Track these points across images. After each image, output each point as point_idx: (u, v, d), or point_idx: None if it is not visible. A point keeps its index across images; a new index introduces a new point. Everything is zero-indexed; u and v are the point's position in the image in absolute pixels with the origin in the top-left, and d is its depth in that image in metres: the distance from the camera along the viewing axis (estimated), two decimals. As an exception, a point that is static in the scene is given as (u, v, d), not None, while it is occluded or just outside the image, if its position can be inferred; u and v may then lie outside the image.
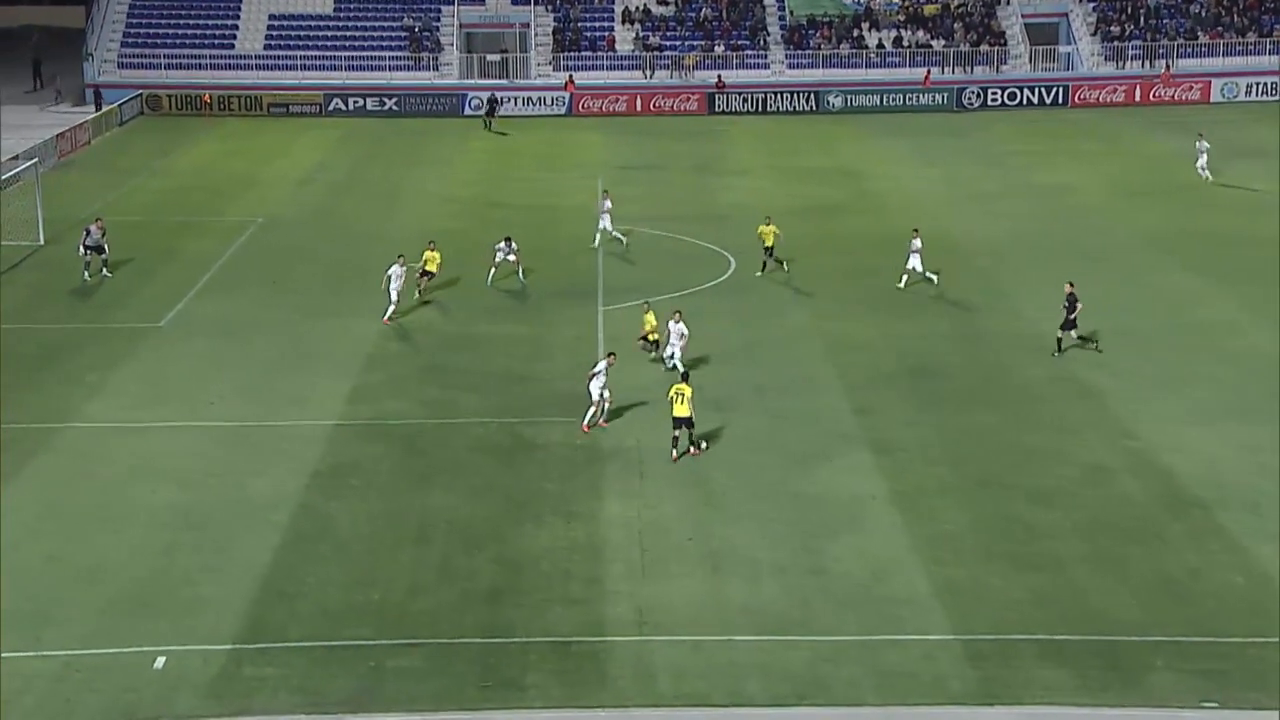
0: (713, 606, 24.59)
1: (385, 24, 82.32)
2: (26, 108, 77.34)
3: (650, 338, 36.00)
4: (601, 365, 32.22)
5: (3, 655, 22.69)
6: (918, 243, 43.02)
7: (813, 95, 78.57)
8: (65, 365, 36.69)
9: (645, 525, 27.71)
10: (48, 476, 29.86)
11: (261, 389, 35.23)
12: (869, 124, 74.15)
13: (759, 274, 44.11)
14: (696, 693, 22.25)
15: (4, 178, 50.05)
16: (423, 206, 55.66)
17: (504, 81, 79.51)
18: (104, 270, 43.92)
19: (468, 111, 77.62)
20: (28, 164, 52.13)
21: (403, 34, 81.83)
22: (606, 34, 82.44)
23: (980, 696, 22.14)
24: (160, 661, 22.67)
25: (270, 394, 34.86)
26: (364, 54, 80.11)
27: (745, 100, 78.62)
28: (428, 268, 42.38)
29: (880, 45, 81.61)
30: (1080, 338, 37.49)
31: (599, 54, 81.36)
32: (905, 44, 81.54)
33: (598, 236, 48.39)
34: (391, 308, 40.10)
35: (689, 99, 78.62)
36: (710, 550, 26.64)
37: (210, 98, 76.83)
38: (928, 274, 43.07)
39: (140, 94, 76.77)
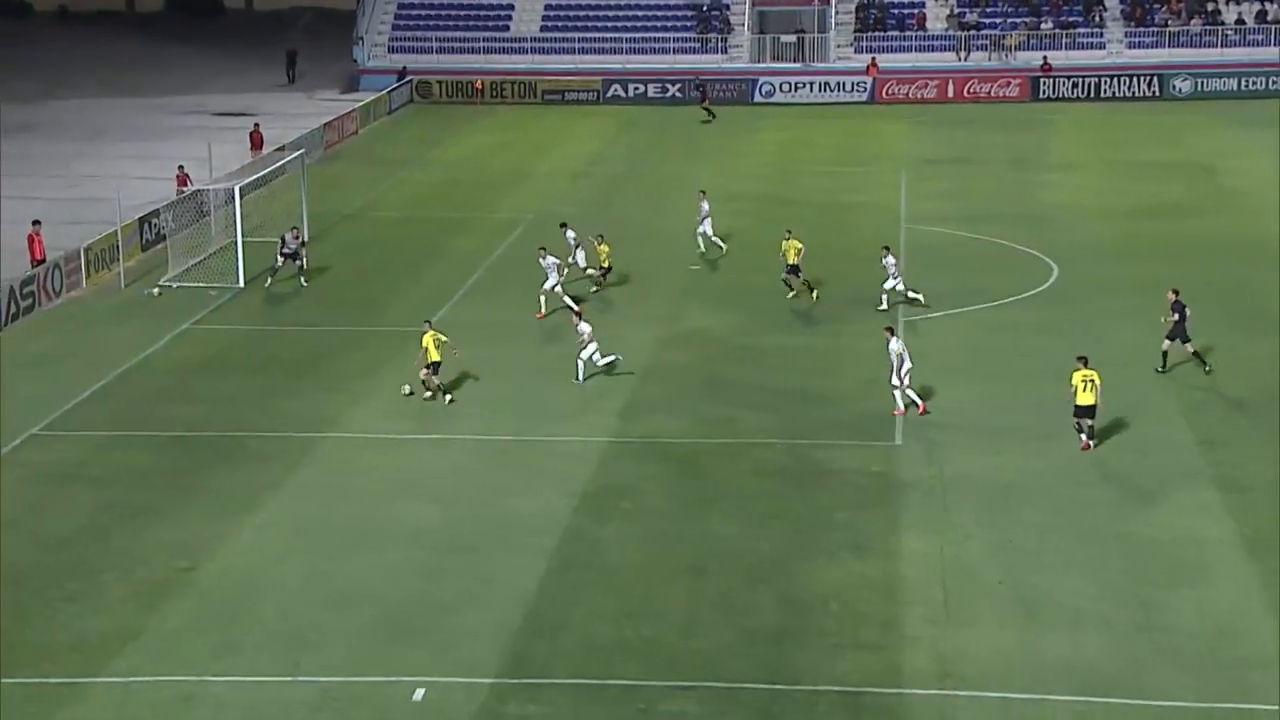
0: (1025, 660, 23.99)
1: (670, 3, 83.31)
2: (292, 95, 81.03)
3: None
4: (585, 331, 36.16)
5: (263, 679, 23.70)
6: (891, 260, 41.63)
7: (1156, 79, 76.24)
8: (328, 371, 38.18)
9: (948, 564, 27.23)
10: (308, 489, 31.09)
11: (527, 401, 35.94)
12: (1223, 112, 71.46)
13: (789, 295, 42.95)
14: (1004, 758, 21.73)
15: (268, 171, 52.39)
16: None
17: (798, 65, 79.56)
18: (301, 279, 45.58)
19: (758, 98, 77.95)
20: (293, 155, 54.48)
21: (689, 14, 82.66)
22: (916, 11, 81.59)
23: (1341, 781, 20.98)
24: (419, 694, 23.28)
25: (536, 406, 35.53)
26: (646, 35, 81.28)
27: (1075, 85, 76.78)
28: (603, 263, 43.69)
29: (1239, 21, 78.50)
30: (1195, 353, 36.05)
31: (907, 34, 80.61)
32: (1270, 19, 78.21)
33: (700, 242, 48.18)
34: (543, 300, 41.62)
35: (1009, 84, 77.22)
36: (1023, 596, 26.01)
37: (482, 84, 79.09)
38: (909, 293, 41.55)
39: (410, 80, 79.54)
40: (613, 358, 37.06)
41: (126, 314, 43.25)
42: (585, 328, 36.78)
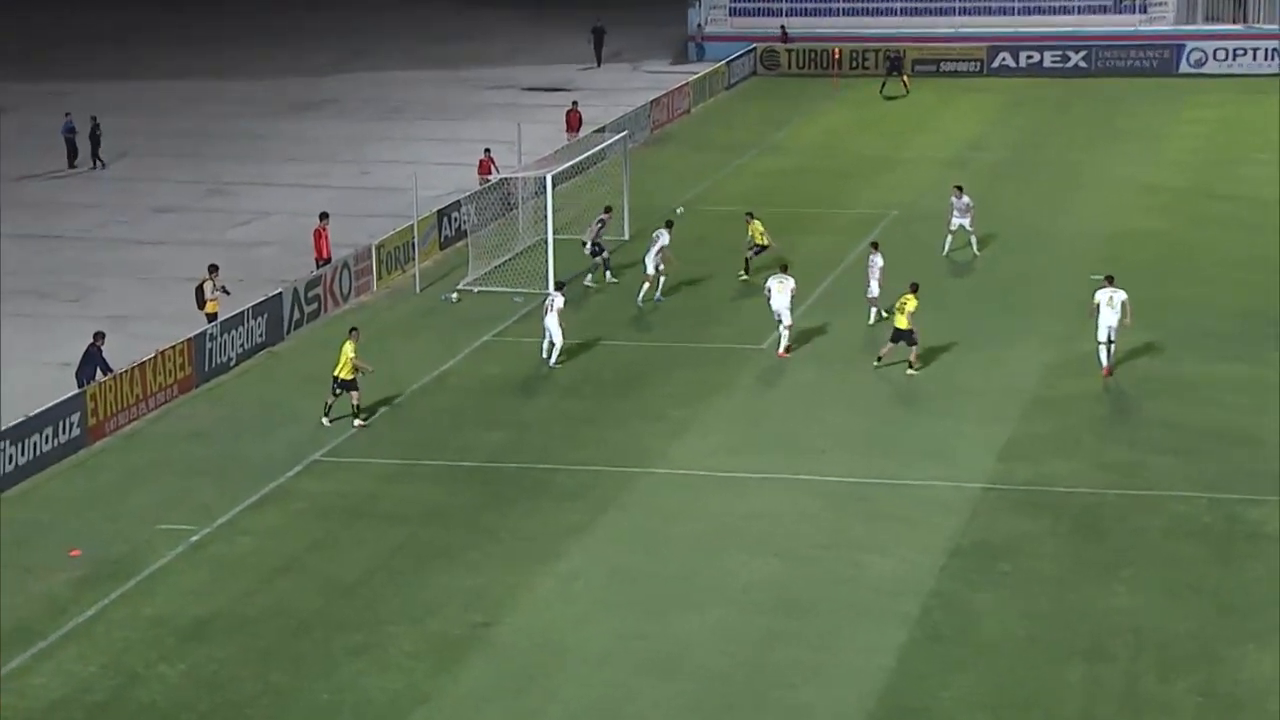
0: None
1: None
2: (616, 67, 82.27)
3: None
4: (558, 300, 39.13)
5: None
6: (879, 259, 41.91)
7: None
8: (650, 394, 38.56)
9: None
10: (622, 535, 31.41)
11: (886, 436, 35.66)
12: None
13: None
14: None
15: (585, 156, 53.18)
16: (1113, 197, 54.83)
17: (1238, 27, 77.00)
18: (607, 274, 46.22)
19: (1184, 68, 75.89)
20: (615, 138, 55.21)
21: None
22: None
23: None
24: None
25: (897, 443, 35.22)
26: (1045, -7, 79.92)
27: None
28: (756, 240, 45.80)
29: None
30: None
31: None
32: None
33: (947, 243, 47.68)
34: (645, 286, 44.11)
35: None
36: None
37: (840, 52, 79.01)
38: (884, 312, 41.33)
39: (754, 48, 80.00)
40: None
41: (421, 322, 44.53)
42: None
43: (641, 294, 44.71)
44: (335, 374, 36.57)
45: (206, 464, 35.01)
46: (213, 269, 42.09)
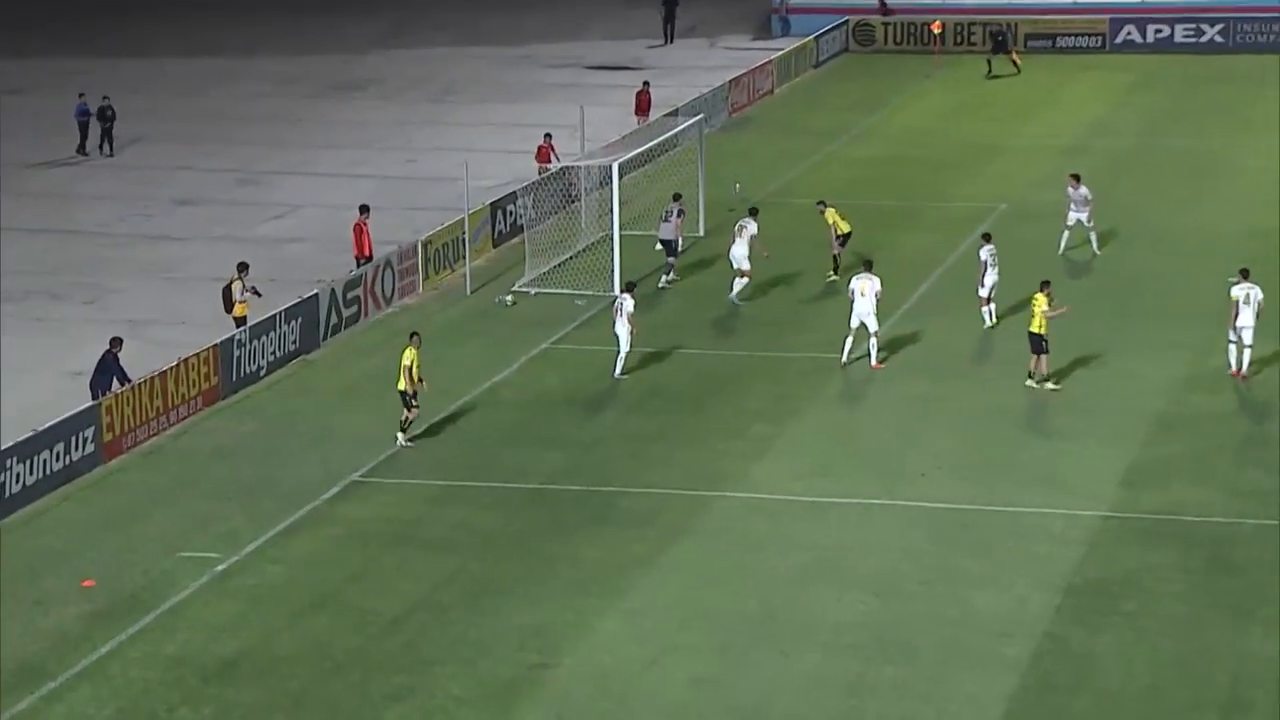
0: None
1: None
2: (694, 42, 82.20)
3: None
4: (627, 304, 39.60)
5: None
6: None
7: None
8: (726, 408, 38.53)
9: None
10: (694, 567, 31.35)
11: (993, 458, 35.55)
12: None
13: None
14: None
15: (656, 142, 53.22)
16: (1250, 191, 54.55)
17: None
18: (665, 276, 46.39)
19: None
20: (689, 122, 55.23)
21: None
22: None
23: None
24: None
25: (1006, 466, 35.11)
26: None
27: None
28: (839, 229, 46.28)
29: None
30: None
31: None
32: None
33: (1063, 241, 47.75)
34: (741, 282, 44.51)
35: None
36: None
37: (942, 26, 78.78)
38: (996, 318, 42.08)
39: (845, 22, 79.88)
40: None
41: (472, 327, 44.65)
42: None
43: (736, 291, 44.75)
44: (402, 389, 36.43)
45: (233, 485, 35.18)
46: (242, 268, 42.32)
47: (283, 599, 30.34)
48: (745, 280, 44.99)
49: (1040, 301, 38.62)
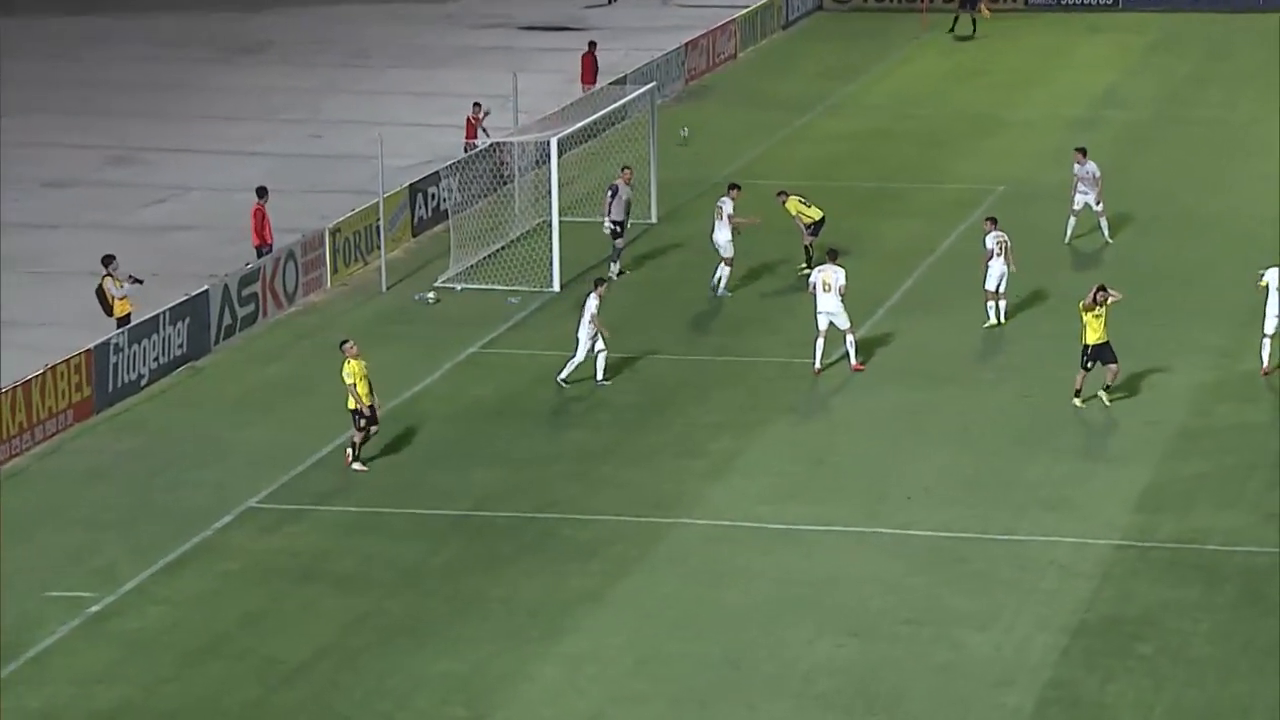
0: None
1: None
2: (642, 2, 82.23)
3: None
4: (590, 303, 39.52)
5: None
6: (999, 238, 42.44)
7: None
8: (681, 421, 38.67)
9: None
10: (650, 604, 31.41)
11: (991, 478, 35.71)
12: None
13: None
14: None
15: (600, 114, 53.22)
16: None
17: None
18: (612, 266, 46.74)
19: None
20: (638, 91, 55.32)
21: None
22: None
23: None
24: None
25: (1005, 486, 35.27)
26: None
27: None
28: (804, 219, 46.37)
29: None
30: None
31: None
32: None
33: (1070, 227, 48.17)
34: (724, 270, 44.99)
35: None
36: None
37: (930, -20, 79.06)
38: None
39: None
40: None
41: (389, 329, 44.65)
42: None
43: (721, 282, 45.07)
44: (352, 407, 36.51)
45: (110, 513, 35.15)
46: (108, 261, 41.88)
47: (168, 644, 30.32)
48: (728, 269, 45.14)
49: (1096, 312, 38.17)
